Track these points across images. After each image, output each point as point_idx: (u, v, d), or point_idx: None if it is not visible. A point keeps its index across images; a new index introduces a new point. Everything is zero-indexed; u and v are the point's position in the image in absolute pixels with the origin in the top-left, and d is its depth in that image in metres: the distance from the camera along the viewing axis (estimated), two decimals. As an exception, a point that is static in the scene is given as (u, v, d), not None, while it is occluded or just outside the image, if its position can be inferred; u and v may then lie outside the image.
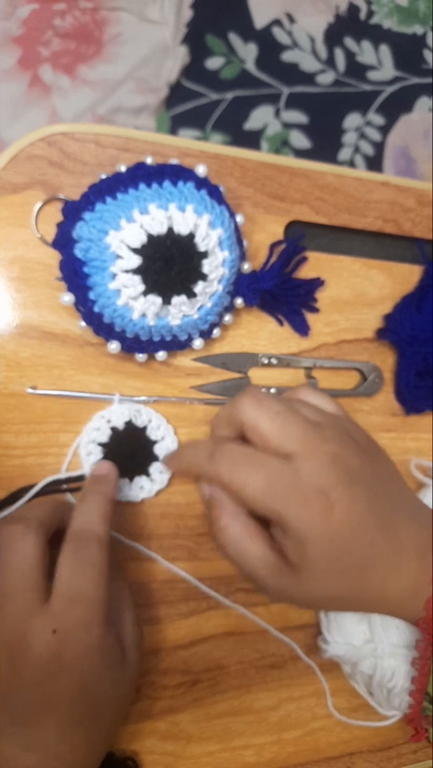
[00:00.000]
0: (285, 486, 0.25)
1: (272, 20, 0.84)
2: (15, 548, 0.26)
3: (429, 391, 0.40)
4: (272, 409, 0.27)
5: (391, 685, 0.35)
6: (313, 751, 0.38)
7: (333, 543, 0.25)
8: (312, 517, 0.25)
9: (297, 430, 0.27)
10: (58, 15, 0.75)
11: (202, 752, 0.36)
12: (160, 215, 0.29)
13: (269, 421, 0.27)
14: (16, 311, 0.32)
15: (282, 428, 0.27)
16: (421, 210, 0.39)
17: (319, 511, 0.25)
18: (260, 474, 0.26)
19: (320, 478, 0.26)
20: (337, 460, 0.26)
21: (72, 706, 0.25)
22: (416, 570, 0.27)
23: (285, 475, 0.26)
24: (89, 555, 0.27)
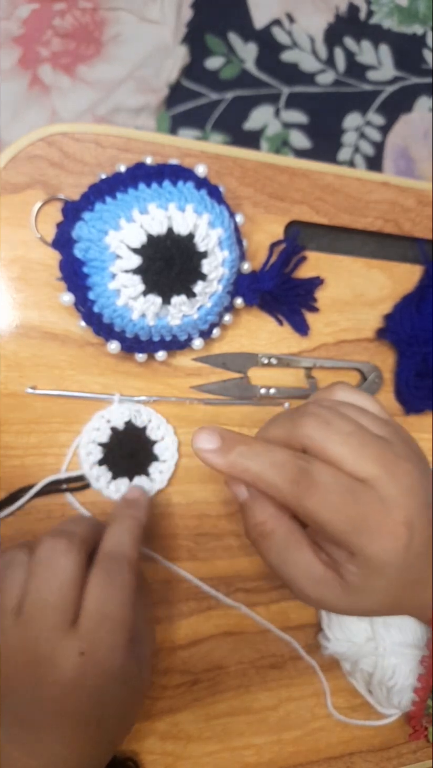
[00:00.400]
0: (373, 520, 0.24)
1: (271, 20, 0.84)
2: (57, 564, 0.25)
3: (429, 391, 0.39)
4: (343, 430, 0.25)
5: (391, 684, 0.35)
6: (313, 751, 0.38)
7: (404, 570, 0.25)
8: (395, 548, 0.24)
9: (372, 452, 0.25)
10: (58, 15, 0.75)
11: (202, 752, 0.36)
12: (159, 215, 0.29)
13: (342, 444, 0.25)
14: (16, 311, 0.32)
15: (357, 452, 0.25)
16: (421, 210, 0.39)
17: (403, 543, 0.24)
18: (348, 508, 0.24)
19: (405, 507, 0.24)
20: (415, 483, 0.25)
21: (83, 721, 0.25)
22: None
23: (372, 506, 0.24)
24: (120, 578, 0.26)
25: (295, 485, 0.24)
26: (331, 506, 0.24)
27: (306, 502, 0.24)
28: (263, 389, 0.36)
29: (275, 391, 0.36)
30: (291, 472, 0.25)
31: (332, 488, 0.24)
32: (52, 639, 0.25)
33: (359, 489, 0.24)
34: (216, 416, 0.36)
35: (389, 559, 0.24)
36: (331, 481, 0.24)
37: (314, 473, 0.24)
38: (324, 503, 0.24)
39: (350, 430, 0.25)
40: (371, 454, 0.25)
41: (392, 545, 0.24)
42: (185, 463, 0.35)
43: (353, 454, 0.25)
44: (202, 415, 0.35)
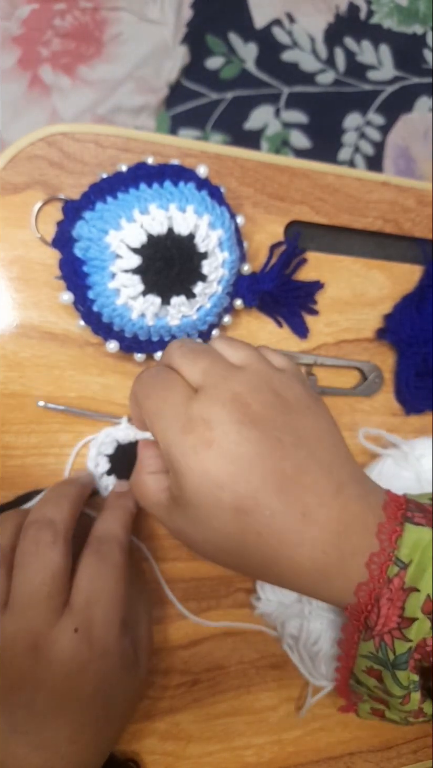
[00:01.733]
0: (174, 410, 0.24)
1: (272, 20, 0.84)
2: (44, 557, 0.26)
3: (429, 392, 0.39)
4: (190, 345, 0.27)
5: (316, 649, 0.34)
6: (313, 751, 0.38)
7: (207, 479, 0.23)
8: (187, 446, 0.23)
9: (205, 365, 0.25)
10: (58, 15, 0.75)
11: (202, 752, 0.36)
12: (160, 215, 0.29)
13: (181, 355, 0.26)
14: (16, 311, 0.32)
15: (192, 361, 0.26)
16: (421, 210, 0.39)
17: (195, 441, 0.23)
18: (159, 395, 0.25)
19: (208, 410, 0.23)
20: (237, 401, 0.24)
21: (87, 707, 0.25)
22: (334, 545, 0.23)
23: (180, 401, 0.24)
24: (109, 557, 0.27)
25: (133, 398, 0.27)
26: (154, 399, 0.25)
27: (134, 388, 0.27)
28: None
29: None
30: (133, 391, 0.27)
31: (158, 386, 0.25)
32: (47, 623, 0.25)
33: (180, 387, 0.25)
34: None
35: (183, 458, 0.23)
36: (155, 371, 0.26)
37: (149, 369, 0.27)
38: (149, 396, 0.25)
39: (197, 347, 0.27)
40: (203, 365, 0.25)
41: (182, 440, 0.23)
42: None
43: (187, 363, 0.26)
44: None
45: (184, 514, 0.24)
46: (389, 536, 0.24)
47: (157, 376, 0.26)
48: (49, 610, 0.25)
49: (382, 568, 0.23)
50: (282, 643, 0.37)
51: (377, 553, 0.23)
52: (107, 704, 0.26)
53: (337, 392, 0.38)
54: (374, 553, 0.23)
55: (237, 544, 0.23)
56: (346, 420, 0.39)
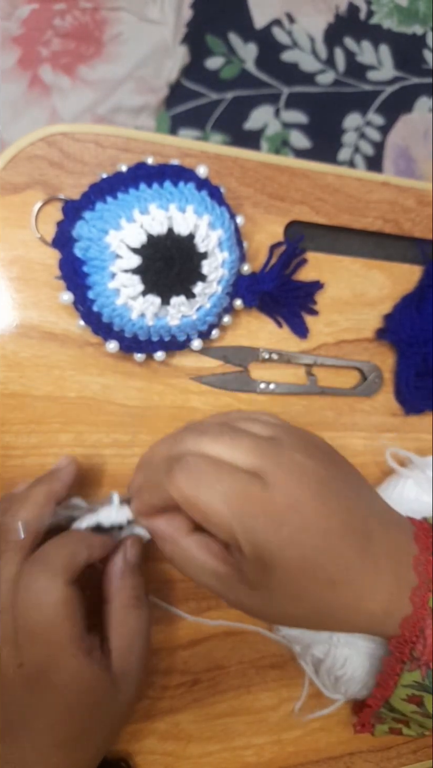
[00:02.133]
0: (253, 503, 0.22)
1: (272, 20, 0.84)
2: (42, 600, 0.25)
3: (429, 391, 0.40)
4: (215, 430, 0.25)
5: (341, 673, 0.34)
6: (313, 751, 0.38)
7: (304, 565, 0.23)
8: (282, 538, 0.22)
9: (249, 443, 0.24)
10: (58, 15, 0.75)
11: (202, 752, 0.36)
12: (160, 215, 0.29)
13: (215, 443, 0.24)
14: (16, 311, 0.32)
15: (232, 446, 0.24)
16: (421, 210, 0.39)
17: (289, 530, 0.22)
18: (224, 487, 0.23)
19: (290, 493, 0.23)
20: (305, 471, 0.24)
21: (51, 729, 0.25)
22: (391, 585, 0.24)
23: (254, 492, 0.23)
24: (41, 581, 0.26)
25: (169, 474, 0.24)
26: (207, 487, 0.23)
27: (182, 483, 0.23)
28: (262, 384, 0.36)
29: (275, 387, 0.36)
30: (165, 464, 0.25)
31: (207, 468, 0.23)
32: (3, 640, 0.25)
33: (241, 474, 0.23)
34: (216, 416, 0.36)
35: (279, 550, 0.22)
36: (209, 465, 0.23)
37: (189, 459, 0.24)
38: (200, 484, 0.23)
39: (224, 431, 0.25)
40: (247, 447, 0.24)
41: (278, 532, 0.22)
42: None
43: (227, 451, 0.24)
44: (202, 416, 0.35)
45: (263, 594, 0.24)
46: (425, 568, 0.24)
47: (198, 467, 0.23)
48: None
49: (423, 599, 0.24)
50: (299, 658, 0.37)
51: (418, 587, 0.24)
52: (81, 729, 0.25)
53: (337, 392, 0.38)
54: (415, 587, 0.24)
55: (321, 610, 0.24)
56: (346, 420, 0.39)
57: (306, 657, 0.36)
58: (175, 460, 0.24)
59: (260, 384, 0.36)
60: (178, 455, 0.25)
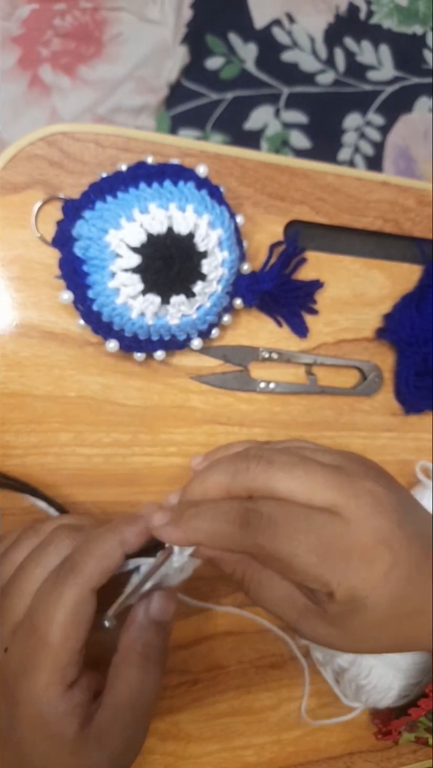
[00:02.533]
0: (341, 546, 0.22)
1: (272, 20, 0.84)
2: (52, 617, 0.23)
3: (429, 391, 0.39)
4: (286, 463, 0.23)
5: (365, 683, 0.35)
6: (313, 751, 0.38)
7: (394, 599, 0.22)
8: (375, 574, 0.22)
9: (322, 478, 0.23)
10: (58, 15, 0.75)
11: (202, 752, 0.36)
12: (160, 215, 0.29)
13: (288, 478, 0.23)
14: (16, 311, 0.32)
15: (306, 482, 0.23)
16: (421, 210, 0.39)
17: (383, 567, 0.22)
18: (310, 540, 0.21)
19: (375, 526, 0.22)
20: (379, 500, 0.23)
21: (13, 749, 0.23)
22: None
23: (338, 533, 0.22)
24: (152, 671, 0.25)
25: (245, 527, 0.22)
26: (288, 538, 0.22)
27: (261, 539, 0.22)
28: (262, 383, 0.36)
29: (275, 386, 0.36)
30: (238, 515, 0.23)
31: (285, 519, 0.22)
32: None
33: (317, 516, 0.22)
34: (215, 415, 0.36)
35: (372, 589, 0.22)
36: (281, 512, 0.22)
37: (261, 509, 0.22)
38: (280, 536, 0.22)
39: (293, 462, 0.23)
40: (322, 480, 0.23)
41: (371, 571, 0.22)
42: (185, 463, 0.35)
43: (302, 486, 0.23)
44: (202, 415, 0.35)
45: (343, 630, 0.23)
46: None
47: (276, 518, 0.22)
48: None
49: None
50: (317, 664, 0.37)
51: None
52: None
53: (337, 392, 0.38)
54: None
55: (399, 638, 0.24)
56: (345, 420, 0.39)
57: (328, 666, 0.36)
58: (249, 511, 0.23)
59: (260, 383, 0.36)
60: (249, 502, 0.23)
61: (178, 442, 0.35)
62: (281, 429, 0.37)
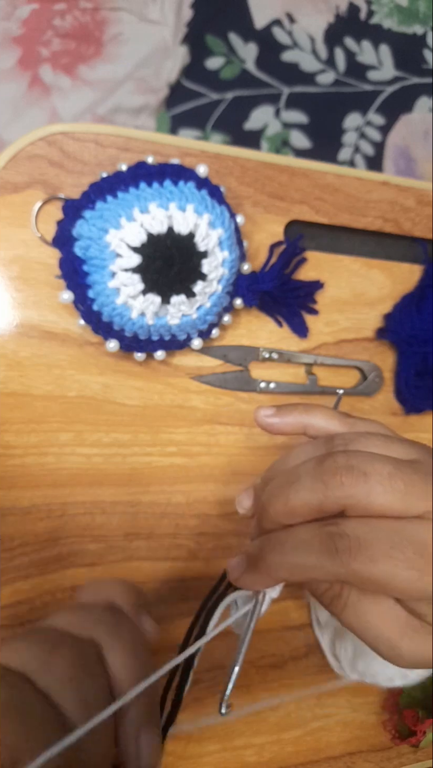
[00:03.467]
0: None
1: (272, 20, 0.84)
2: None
3: (429, 391, 0.39)
4: (383, 474, 0.21)
5: (365, 647, 0.34)
6: (313, 751, 0.38)
7: None
8: None
9: (422, 487, 0.21)
10: (58, 15, 0.75)
11: (202, 752, 0.36)
12: (160, 214, 0.29)
13: (388, 493, 0.21)
14: (16, 311, 0.32)
15: (404, 494, 0.21)
16: (421, 210, 0.39)
17: None
18: (407, 555, 0.20)
19: None
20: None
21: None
22: None
23: (429, 538, 0.21)
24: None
25: (333, 555, 0.21)
26: (385, 557, 0.20)
27: (354, 565, 0.20)
28: (262, 383, 0.36)
29: (275, 386, 0.36)
30: (322, 543, 0.21)
31: (377, 537, 0.21)
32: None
33: (408, 528, 0.21)
34: (215, 415, 0.36)
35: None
36: (370, 530, 0.21)
37: (348, 531, 0.21)
38: (374, 558, 0.20)
39: (390, 471, 0.22)
40: (421, 491, 0.21)
41: None
42: (185, 463, 0.35)
43: (401, 500, 0.21)
44: (202, 415, 0.35)
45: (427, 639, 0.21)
46: None
47: (368, 539, 0.21)
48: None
49: None
50: (315, 626, 0.36)
51: None
52: None
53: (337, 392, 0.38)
54: None
55: None
56: (346, 419, 0.39)
57: (328, 627, 0.35)
58: (335, 536, 0.21)
59: (260, 383, 0.36)
60: (332, 526, 0.21)
61: (178, 441, 0.35)
62: (281, 429, 0.37)
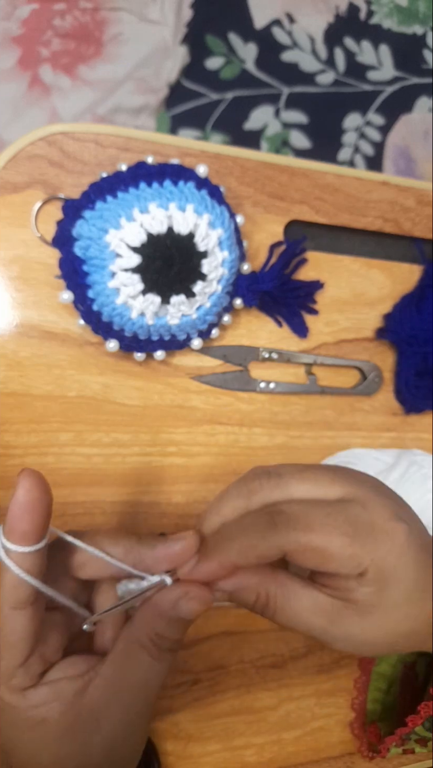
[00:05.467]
0: (365, 524, 0.23)
1: (272, 20, 0.84)
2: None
3: (429, 391, 0.39)
4: (293, 470, 0.25)
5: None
6: (313, 751, 0.38)
7: (418, 566, 0.24)
8: (399, 547, 0.24)
9: (331, 475, 0.25)
10: (58, 15, 0.75)
11: (202, 752, 0.36)
12: (160, 214, 0.29)
13: (301, 482, 0.25)
14: (16, 311, 0.32)
15: (318, 480, 0.25)
16: (421, 210, 0.39)
17: (403, 539, 0.24)
18: (339, 522, 0.23)
19: (386, 505, 0.24)
20: (377, 486, 0.25)
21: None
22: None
23: (358, 515, 0.24)
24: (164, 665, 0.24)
25: (273, 528, 0.23)
26: (320, 526, 0.23)
27: (293, 534, 0.23)
28: (262, 383, 0.36)
29: (275, 386, 0.36)
30: (263, 521, 0.24)
31: (310, 511, 0.24)
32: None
33: (336, 504, 0.24)
34: (215, 415, 0.36)
35: (398, 558, 0.23)
36: (306, 506, 0.24)
37: (284, 509, 0.24)
38: (310, 526, 0.23)
39: (299, 469, 0.25)
40: (329, 477, 0.25)
41: (394, 542, 0.24)
42: (185, 463, 0.35)
43: (315, 486, 0.25)
44: (202, 415, 0.35)
45: (375, 618, 0.24)
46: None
47: (301, 512, 0.24)
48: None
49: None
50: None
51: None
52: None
53: (337, 392, 0.38)
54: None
55: (421, 624, 0.25)
56: (346, 420, 0.39)
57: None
58: (273, 513, 0.24)
59: (260, 383, 0.36)
60: (268, 506, 0.25)
61: (178, 441, 0.35)
62: (281, 429, 0.37)
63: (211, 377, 0.35)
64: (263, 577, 0.25)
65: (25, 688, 0.23)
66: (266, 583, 0.25)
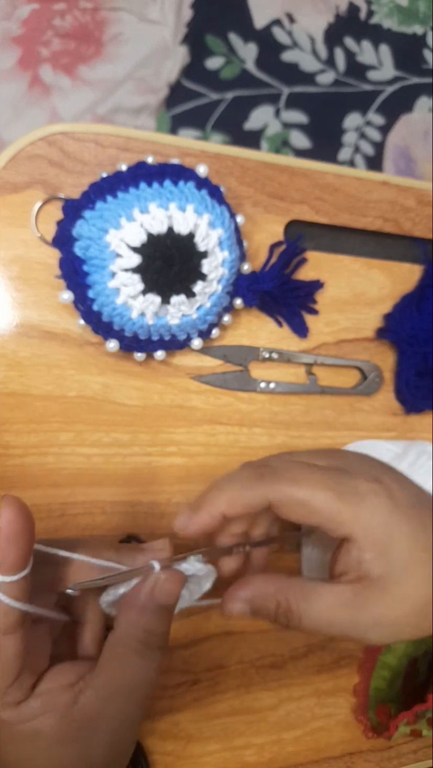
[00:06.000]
0: (350, 487, 0.24)
1: (272, 20, 0.84)
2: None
3: (429, 391, 0.39)
4: (285, 455, 0.28)
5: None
6: (313, 751, 0.38)
7: (413, 527, 0.24)
8: (382, 505, 0.24)
9: (320, 452, 0.27)
10: (58, 15, 0.75)
11: (202, 752, 0.36)
12: (160, 214, 0.29)
13: (292, 455, 0.27)
14: (16, 311, 0.32)
15: (308, 455, 0.27)
16: (421, 210, 0.39)
17: (384, 497, 0.24)
18: (323, 478, 0.24)
19: (365, 470, 0.25)
20: (363, 458, 0.27)
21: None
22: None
23: (343, 478, 0.25)
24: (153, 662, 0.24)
25: (261, 480, 0.25)
26: (305, 480, 0.24)
27: (279, 486, 0.24)
28: (262, 383, 0.36)
29: (275, 386, 0.36)
30: (252, 474, 0.25)
31: (297, 467, 0.25)
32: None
33: (323, 467, 0.26)
34: (215, 415, 0.36)
35: (388, 519, 0.24)
36: (293, 464, 0.25)
37: (272, 464, 0.25)
38: (296, 480, 0.24)
39: (293, 453, 0.28)
40: (322, 453, 0.27)
41: (377, 502, 0.24)
42: (185, 463, 0.35)
43: (306, 457, 0.27)
44: (202, 415, 0.35)
45: (384, 591, 0.24)
46: None
47: (289, 467, 0.26)
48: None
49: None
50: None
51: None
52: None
53: (337, 392, 0.38)
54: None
55: (426, 601, 0.24)
56: (346, 419, 0.39)
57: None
58: (261, 467, 0.25)
59: (260, 383, 0.36)
60: (259, 461, 0.27)
61: (178, 441, 0.35)
62: (281, 429, 0.37)
63: (211, 377, 0.35)
64: (279, 586, 0.25)
65: (19, 702, 0.23)
66: (284, 590, 0.25)
